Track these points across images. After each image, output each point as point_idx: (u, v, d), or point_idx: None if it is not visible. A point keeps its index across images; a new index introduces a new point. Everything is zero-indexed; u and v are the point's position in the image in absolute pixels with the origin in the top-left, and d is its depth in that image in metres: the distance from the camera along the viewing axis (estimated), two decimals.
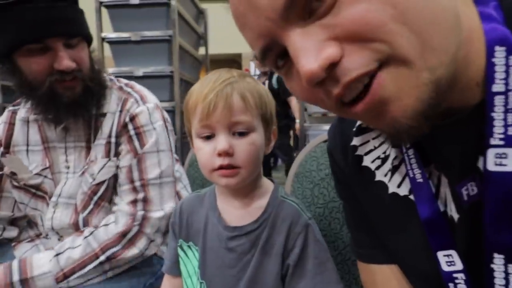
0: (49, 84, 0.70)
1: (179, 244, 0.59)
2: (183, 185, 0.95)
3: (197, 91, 0.51)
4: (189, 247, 0.58)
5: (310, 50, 0.26)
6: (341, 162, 0.46)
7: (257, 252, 0.52)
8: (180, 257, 0.59)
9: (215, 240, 0.55)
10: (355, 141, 0.43)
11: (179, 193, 0.92)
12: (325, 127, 1.88)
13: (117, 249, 0.72)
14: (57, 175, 0.81)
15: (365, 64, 0.26)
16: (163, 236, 0.78)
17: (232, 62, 7.43)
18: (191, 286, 0.57)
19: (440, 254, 0.35)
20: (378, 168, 0.41)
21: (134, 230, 0.74)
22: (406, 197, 0.38)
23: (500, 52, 0.29)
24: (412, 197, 0.37)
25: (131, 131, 0.78)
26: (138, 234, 0.74)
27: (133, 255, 0.73)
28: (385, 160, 0.40)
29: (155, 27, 1.99)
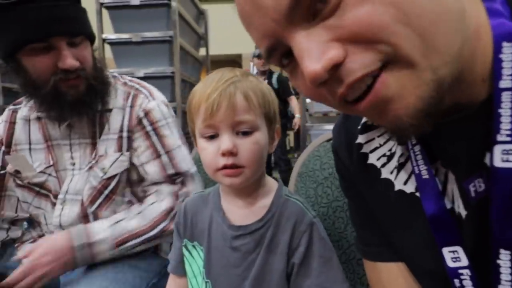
0: (53, 83, 0.71)
1: (183, 244, 0.59)
2: None
3: (200, 91, 0.51)
4: (193, 247, 0.58)
5: (313, 51, 0.27)
6: (346, 160, 0.46)
7: (262, 251, 0.52)
8: (185, 257, 0.59)
9: (219, 239, 0.55)
10: (360, 139, 0.43)
11: None
12: (326, 126, 1.88)
13: (166, 224, 0.77)
14: (62, 172, 0.81)
15: (368, 64, 0.26)
16: None
17: (233, 62, 7.43)
18: (196, 286, 0.57)
19: (445, 250, 0.35)
20: (383, 165, 0.41)
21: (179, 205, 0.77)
22: (412, 194, 0.38)
23: (507, 48, 0.29)
24: (418, 194, 0.37)
25: (147, 127, 0.81)
26: None
27: None
28: (391, 157, 0.40)
29: (155, 28, 1.99)
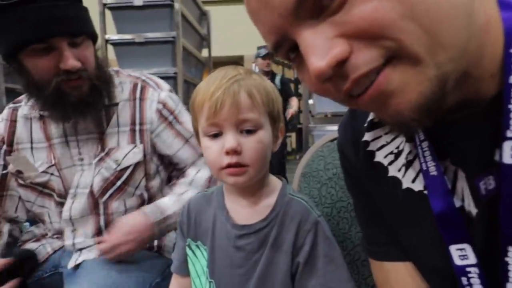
0: (56, 84, 0.70)
1: (187, 244, 0.58)
2: None
3: (204, 89, 0.51)
4: (197, 246, 0.58)
5: (319, 47, 0.27)
6: (352, 158, 0.45)
7: (266, 251, 0.52)
8: (188, 256, 0.58)
9: (223, 239, 0.54)
10: (367, 137, 0.43)
11: None
12: (329, 127, 1.88)
13: None
14: (66, 170, 0.81)
15: (373, 60, 0.27)
16: None
17: (234, 64, 7.42)
18: (200, 286, 0.57)
19: (452, 248, 0.34)
20: (391, 163, 0.40)
21: None
22: (420, 192, 0.37)
23: None
24: (426, 192, 0.36)
25: (169, 118, 0.84)
26: None
27: None
28: (398, 155, 0.40)
29: (158, 28, 1.99)
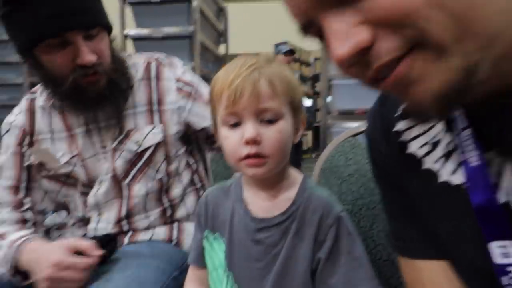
0: (73, 80, 0.70)
1: (204, 236, 0.57)
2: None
3: (223, 77, 0.49)
4: (215, 238, 0.56)
5: (342, 34, 0.27)
6: (382, 148, 0.43)
7: (286, 245, 0.50)
8: (206, 249, 0.57)
9: (242, 232, 0.53)
10: (399, 126, 0.40)
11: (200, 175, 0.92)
12: (348, 124, 1.83)
13: None
14: (91, 159, 0.81)
15: (396, 49, 0.26)
16: None
17: None
18: (217, 279, 0.55)
19: (493, 245, 0.32)
20: (427, 154, 0.38)
21: None
22: (460, 186, 0.35)
23: None
24: (466, 185, 0.34)
25: (192, 91, 0.83)
26: None
27: None
28: (435, 145, 0.37)
29: (176, 23, 2.00)
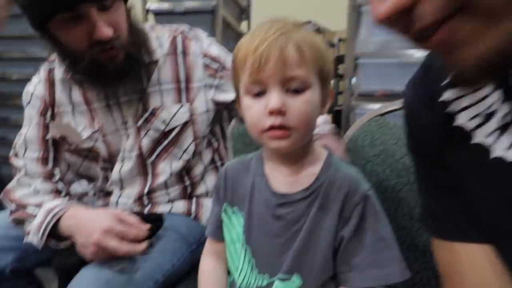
0: (91, 56, 0.67)
1: (223, 209, 0.56)
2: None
3: (247, 42, 0.46)
4: (233, 212, 0.55)
5: None
6: (423, 121, 0.39)
7: (307, 222, 0.48)
8: (224, 222, 0.56)
9: (262, 206, 0.51)
10: (447, 95, 0.36)
11: (220, 153, 0.91)
12: (371, 106, 1.76)
13: None
14: (111, 135, 0.80)
15: (440, 10, 0.24)
16: None
17: None
18: (235, 253, 0.55)
19: None
20: (478, 127, 0.34)
21: None
22: None
23: None
24: None
25: (219, 68, 0.80)
26: None
27: None
28: (489, 117, 0.33)
29: None
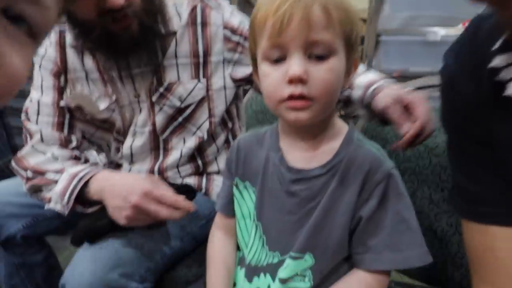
0: (102, 27, 0.63)
1: (234, 183, 0.54)
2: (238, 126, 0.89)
3: (268, 2, 0.41)
4: (245, 187, 0.53)
5: None
6: (466, 90, 0.35)
7: (323, 200, 0.45)
8: (235, 197, 0.54)
9: (275, 182, 0.49)
10: (497, 62, 0.32)
11: (235, 133, 0.87)
12: None
13: None
14: (125, 108, 0.77)
15: None
16: None
17: None
18: (245, 229, 0.53)
19: None
20: None
21: None
22: None
23: None
24: None
25: (240, 41, 0.76)
26: None
27: None
28: None
29: None
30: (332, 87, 0.42)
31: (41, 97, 0.76)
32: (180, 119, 0.76)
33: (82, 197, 0.67)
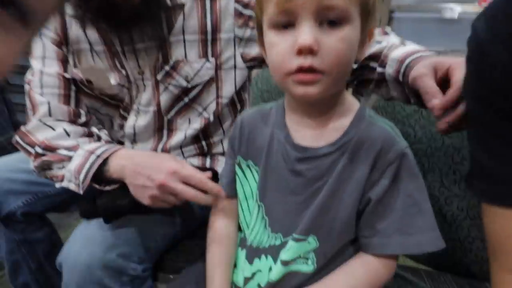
0: None
1: (237, 162, 0.51)
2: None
3: None
4: (248, 166, 0.50)
5: None
6: (499, 62, 0.31)
7: (331, 180, 0.43)
8: (238, 176, 0.52)
9: (280, 160, 0.46)
10: None
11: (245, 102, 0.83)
12: None
13: None
14: (131, 84, 0.73)
15: None
16: None
17: None
18: (247, 209, 0.51)
19: None
20: None
21: None
22: None
23: None
24: None
25: (252, 15, 0.68)
26: None
27: None
28: None
29: None
30: (345, 58, 0.39)
31: (43, 68, 0.70)
32: (186, 99, 0.72)
33: (99, 175, 0.63)
